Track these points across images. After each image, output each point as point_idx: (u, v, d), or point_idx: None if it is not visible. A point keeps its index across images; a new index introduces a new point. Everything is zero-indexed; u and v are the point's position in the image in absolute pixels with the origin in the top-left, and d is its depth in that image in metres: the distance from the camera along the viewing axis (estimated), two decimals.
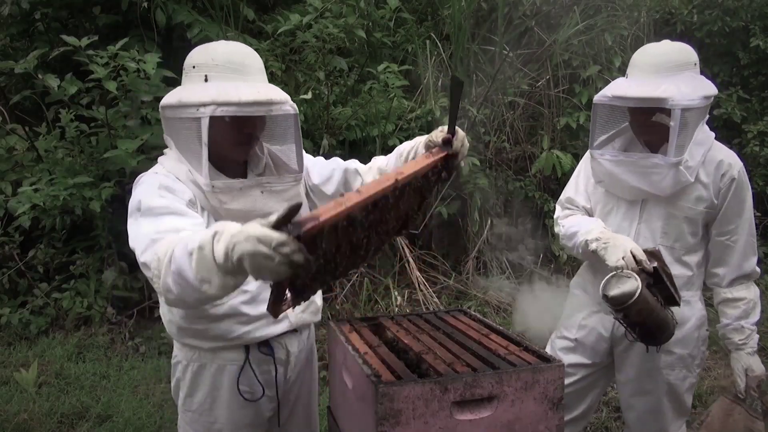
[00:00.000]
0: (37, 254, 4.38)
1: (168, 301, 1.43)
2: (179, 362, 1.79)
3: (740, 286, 2.18)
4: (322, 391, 3.58)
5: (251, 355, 1.73)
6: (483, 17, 5.55)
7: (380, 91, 4.53)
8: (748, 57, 5.84)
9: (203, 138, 1.54)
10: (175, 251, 1.31)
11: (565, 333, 2.38)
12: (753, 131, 5.63)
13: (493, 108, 5.18)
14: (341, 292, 4.39)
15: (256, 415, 1.79)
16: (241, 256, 1.12)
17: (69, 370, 3.78)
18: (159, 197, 1.54)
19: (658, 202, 2.13)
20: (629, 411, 2.33)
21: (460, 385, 1.42)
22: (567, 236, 2.28)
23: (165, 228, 1.45)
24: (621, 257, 1.97)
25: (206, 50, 1.66)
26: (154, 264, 1.38)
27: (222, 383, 1.73)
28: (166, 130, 1.70)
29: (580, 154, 2.33)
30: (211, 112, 1.53)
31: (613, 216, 2.23)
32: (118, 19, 4.75)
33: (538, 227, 5.30)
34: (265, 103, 1.59)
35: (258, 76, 1.66)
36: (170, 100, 1.62)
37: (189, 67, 1.66)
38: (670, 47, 2.09)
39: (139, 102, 4.08)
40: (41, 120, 4.78)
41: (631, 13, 5.80)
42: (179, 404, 1.82)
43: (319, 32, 4.35)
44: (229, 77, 1.60)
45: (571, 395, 2.32)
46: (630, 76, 2.10)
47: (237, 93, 1.55)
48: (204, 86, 1.60)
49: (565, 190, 2.44)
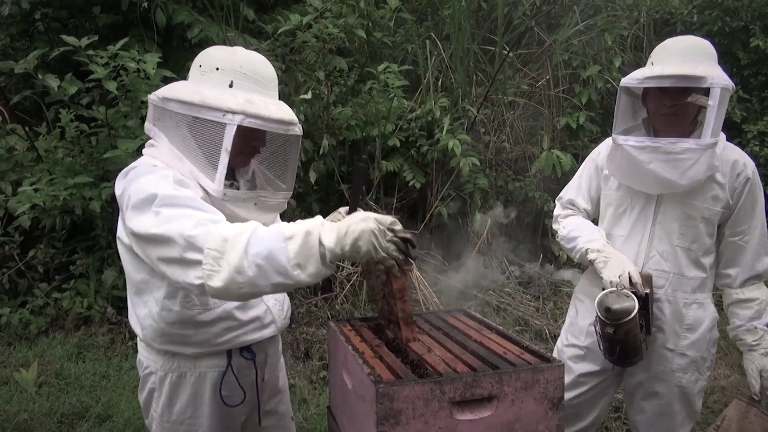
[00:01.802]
0: (37, 254, 4.38)
1: (218, 286, 1.33)
2: (152, 373, 1.72)
3: (752, 287, 2.16)
4: (322, 391, 3.59)
5: (233, 361, 1.71)
6: (483, 17, 5.55)
7: (380, 91, 4.53)
8: (748, 57, 5.84)
9: (226, 145, 1.53)
10: (261, 234, 1.33)
11: (573, 340, 2.36)
12: (753, 131, 5.63)
13: (493, 108, 5.18)
14: (341, 292, 4.39)
15: (233, 419, 1.78)
16: (359, 235, 1.32)
17: (69, 370, 3.78)
18: (180, 188, 1.48)
19: (674, 203, 2.11)
20: (639, 414, 2.30)
21: (460, 385, 1.42)
22: (567, 239, 2.28)
23: (207, 217, 1.40)
24: (617, 275, 2.00)
25: (233, 55, 1.62)
26: (214, 243, 1.33)
27: (204, 390, 1.70)
28: (160, 123, 1.63)
29: (580, 154, 2.32)
30: (239, 121, 1.52)
31: (626, 217, 2.21)
32: (118, 19, 4.75)
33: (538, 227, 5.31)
34: (287, 123, 1.62)
35: (275, 92, 1.68)
36: (189, 97, 1.55)
37: (210, 68, 1.61)
38: (698, 39, 2.09)
39: (139, 102, 4.08)
40: (41, 120, 4.78)
41: (631, 13, 5.81)
42: (155, 415, 1.75)
43: (319, 32, 4.35)
44: (252, 88, 1.60)
45: (583, 404, 2.33)
46: (657, 63, 2.04)
47: (267, 108, 1.57)
48: (231, 92, 1.57)
49: (566, 190, 2.43)
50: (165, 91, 1.62)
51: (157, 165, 1.57)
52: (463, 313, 2.06)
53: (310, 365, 3.86)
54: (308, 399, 3.48)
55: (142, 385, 1.77)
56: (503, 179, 5.09)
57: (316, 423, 3.27)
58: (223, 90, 1.57)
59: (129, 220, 1.48)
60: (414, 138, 4.78)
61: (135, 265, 1.62)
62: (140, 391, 1.79)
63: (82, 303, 4.23)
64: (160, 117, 1.64)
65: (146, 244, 1.45)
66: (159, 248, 1.41)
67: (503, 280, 4.81)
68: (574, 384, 2.31)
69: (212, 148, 1.56)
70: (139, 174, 1.54)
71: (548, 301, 4.72)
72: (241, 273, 1.31)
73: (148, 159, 1.61)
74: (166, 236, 1.38)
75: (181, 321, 1.62)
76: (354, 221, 1.35)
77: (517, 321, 4.44)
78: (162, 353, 1.69)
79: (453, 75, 5.11)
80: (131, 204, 1.48)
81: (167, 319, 1.62)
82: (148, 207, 1.44)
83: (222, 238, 1.33)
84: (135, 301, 1.68)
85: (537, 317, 4.48)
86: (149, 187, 1.46)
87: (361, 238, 1.33)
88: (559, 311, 4.56)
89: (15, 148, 4.55)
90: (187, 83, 1.65)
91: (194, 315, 1.61)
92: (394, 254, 1.38)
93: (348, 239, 1.33)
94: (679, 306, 2.17)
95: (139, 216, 1.45)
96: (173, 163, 1.58)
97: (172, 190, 1.46)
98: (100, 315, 4.24)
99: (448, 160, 4.70)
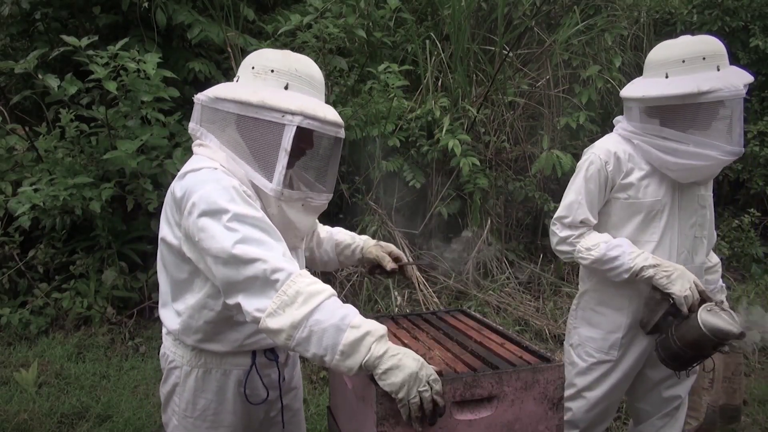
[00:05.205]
0: (37, 254, 4.38)
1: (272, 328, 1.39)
2: (177, 367, 1.74)
3: (712, 253, 2.41)
4: (322, 391, 3.59)
5: (257, 360, 1.74)
6: (483, 17, 5.55)
7: (380, 91, 4.53)
8: (748, 57, 5.84)
9: (285, 145, 1.55)
10: (331, 307, 1.40)
11: (603, 357, 2.31)
12: (753, 131, 5.63)
13: (493, 108, 5.18)
14: (341, 292, 4.39)
15: (254, 416, 1.80)
16: (400, 367, 1.34)
17: (69, 370, 3.78)
18: (247, 205, 1.51)
19: (690, 196, 2.21)
20: (663, 405, 2.35)
21: (460, 385, 1.42)
22: (605, 260, 2.15)
23: (278, 252, 1.46)
24: (687, 288, 2.01)
25: (287, 58, 1.65)
26: (290, 290, 1.40)
27: (228, 387, 1.73)
28: (209, 124, 1.65)
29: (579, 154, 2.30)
30: (299, 122, 1.55)
31: (657, 222, 2.19)
32: (118, 19, 4.75)
33: (538, 227, 5.31)
34: (339, 125, 1.65)
35: (323, 95, 1.72)
36: (247, 97, 1.57)
37: (265, 70, 1.63)
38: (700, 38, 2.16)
39: (139, 102, 4.08)
40: (41, 120, 4.78)
41: (631, 13, 5.81)
42: (177, 410, 1.76)
43: (319, 32, 4.35)
44: (306, 90, 1.64)
45: (611, 409, 2.42)
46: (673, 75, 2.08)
47: (322, 110, 1.60)
48: (288, 94, 1.60)
49: (569, 209, 2.25)
50: (217, 91, 1.63)
51: (218, 168, 1.58)
52: (463, 313, 2.06)
53: (310, 365, 3.86)
54: (308, 399, 3.48)
55: (165, 379, 1.79)
56: (503, 179, 5.09)
57: (316, 423, 3.27)
58: (280, 91, 1.61)
59: (195, 229, 1.49)
60: (414, 138, 4.79)
61: (178, 264, 1.64)
62: (162, 384, 1.81)
63: (82, 303, 4.23)
64: (210, 117, 1.65)
65: (215, 259, 1.46)
66: (229, 268, 1.44)
67: (503, 280, 4.81)
68: (609, 394, 2.34)
69: (270, 148, 1.58)
70: (204, 180, 1.53)
71: (548, 301, 4.72)
72: (296, 329, 1.38)
73: (205, 161, 1.61)
74: (245, 260, 1.42)
75: (218, 320, 1.65)
76: (406, 353, 1.37)
77: (517, 321, 4.44)
78: (191, 349, 1.71)
79: (453, 75, 5.11)
80: (199, 212, 1.48)
81: (206, 317, 1.65)
82: (219, 220, 1.46)
83: (297, 291, 1.39)
84: (174, 297, 1.70)
85: (537, 317, 4.48)
86: (217, 199, 1.48)
87: (399, 370, 1.34)
88: (559, 311, 4.56)
89: (15, 148, 4.55)
90: (241, 84, 1.67)
91: (232, 315, 1.64)
92: (414, 406, 1.35)
93: (389, 362, 1.35)
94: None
95: (210, 228, 1.47)
96: (230, 165, 1.60)
97: (244, 208, 1.49)
98: (100, 315, 4.24)
99: (448, 160, 4.70)
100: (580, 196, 2.22)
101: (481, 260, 4.85)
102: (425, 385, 1.35)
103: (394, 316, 2.04)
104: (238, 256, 1.42)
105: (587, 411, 2.33)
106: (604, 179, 2.21)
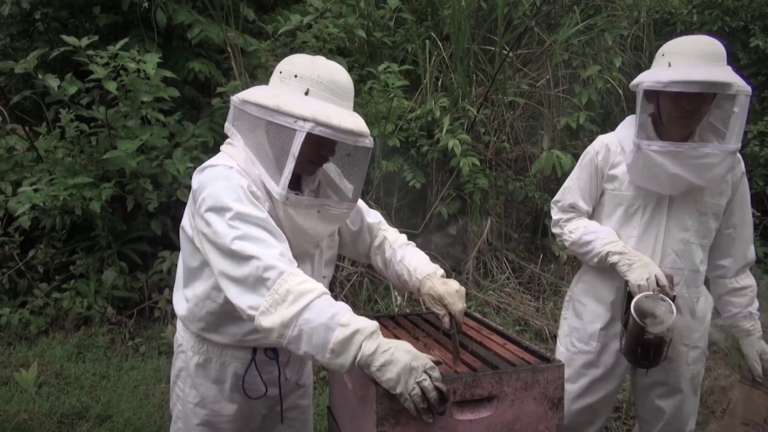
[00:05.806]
0: (37, 254, 4.38)
1: (264, 326, 1.41)
2: (183, 351, 1.80)
3: (744, 275, 2.26)
4: (322, 391, 3.59)
5: (257, 356, 1.76)
6: (483, 17, 5.55)
7: (380, 91, 4.53)
8: (748, 57, 5.84)
9: (293, 150, 1.56)
10: (320, 306, 1.40)
11: (582, 347, 2.34)
12: (753, 131, 5.63)
13: (493, 108, 5.18)
14: (341, 292, 4.39)
15: (253, 410, 1.83)
16: (393, 361, 1.33)
17: (69, 370, 3.78)
18: (251, 205, 1.53)
19: (687, 201, 2.14)
20: (656, 413, 2.31)
21: (460, 385, 1.42)
22: (579, 243, 2.25)
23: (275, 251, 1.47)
24: (645, 278, 2.00)
25: (313, 64, 1.66)
26: (281, 289, 1.41)
27: (226, 378, 1.76)
28: (238, 124, 1.69)
29: (579, 154, 2.32)
30: (309, 129, 1.55)
31: (639, 217, 2.20)
32: (119, 19, 4.75)
33: (538, 227, 5.31)
34: (357, 134, 1.63)
35: (350, 103, 1.71)
36: (265, 101, 1.60)
37: (290, 75, 1.65)
38: (714, 41, 2.06)
39: (138, 102, 4.08)
40: (41, 120, 4.78)
41: (631, 13, 5.81)
42: (181, 395, 1.80)
43: (319, 32, 4.35)
44: (328, 98, 1.63)
45: (599, 408, 2.37)
46: (676, 65, 2.01)
47: (338, 117, 1.58)
48: (305, 100, 1.60)
49: (563, 193, 2.39)
50: (245, 94, 1.67)
51: (233, 167, 1.62)
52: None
53: (313, 364, 3.85)
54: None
55: (174, 362, 1.85)
56: (503, 179, 5.09)
57: (316, 423, 3.26)
58: (299, 97, 1.62)
59: (202, 223, 1.54)
60: (414, 138, 4.78)
61: (192, 253, 1.69)
62: (172, 367, 1.86)
63: (82, 303, 4.23)
64: (239, 118, 1.70)
65: (216, 253, 1.51)
66: (227, 263, 1.48)
67: (503, 280, 4.81)
68: (591, 391, 2.32)
69: (281, 152, 1.60)
70: (216, 177, 1.58)
71: (548, 301, 4.72)
72: (286, 328, 1.39)
73: (226, 158, 1.66)
74: (241, 257, 1.45)
75: (220, 312, 1.68)
76: (398, 347, 1.37)
77: (517, 321, 4.44)
78: (195, 335, 1.77)
79: (453, 75, 5.10)
80: (206, 207, 1.53)
81: (208, 308, 1.69)
82: (222, 217, 1.50)
83: (287, 289, 1.41)
84: (185, 283, 1.75)
85: (537, 317, 4.48)
86: (224, 196, 1.52)
87: (393, 365, 1.33)
88: (559, 311, 4.55)
89: (15, 148, 4.55)
90: (267, 87, 1.71)
91: (233, 310, 1.65)
92: (416, 398, 1.33)
93: (381, 358, 1.34)
94: (692, 301, 2.21)
95: (214, 223, 1.51)
96: (246, 166, 1.63)
97: (248, 207, 1.52)
98: (100, 315, 4.24)
99: (448, 160, 4.70)
100: (572, 182, 2.35)
101: (481, 259, 4.85)
102: (422, 374, 1.34)
103: (394, 315, 2.04)
104: (236, 252, 1.46)
105: (568, 404, 2.30)
106: (594, 168, 2.29)
